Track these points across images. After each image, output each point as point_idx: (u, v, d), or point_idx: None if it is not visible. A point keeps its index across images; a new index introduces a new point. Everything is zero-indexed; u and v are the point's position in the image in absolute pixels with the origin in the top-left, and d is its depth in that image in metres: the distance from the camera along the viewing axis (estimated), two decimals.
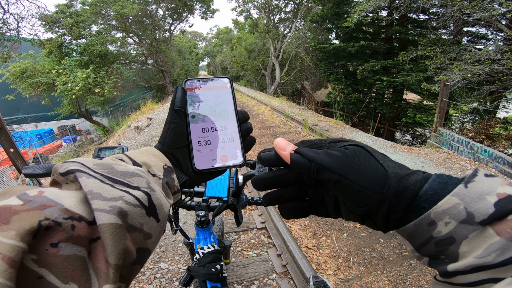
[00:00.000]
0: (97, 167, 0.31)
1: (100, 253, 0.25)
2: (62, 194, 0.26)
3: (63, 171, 0.29)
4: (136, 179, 0.31)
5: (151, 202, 0.30)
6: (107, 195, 0.27)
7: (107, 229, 0.25)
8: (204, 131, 0.43)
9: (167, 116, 0.42)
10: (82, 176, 0.28)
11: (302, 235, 3.03)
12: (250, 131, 0.46)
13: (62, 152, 15.06)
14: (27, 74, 13.03)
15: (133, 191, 0.29)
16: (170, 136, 0.41)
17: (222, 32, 48.93)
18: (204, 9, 22.50)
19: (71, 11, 15.02)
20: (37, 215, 0.22)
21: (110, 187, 0.28)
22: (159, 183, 0.35)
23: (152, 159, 0.38)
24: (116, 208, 0.26)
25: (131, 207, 0.28)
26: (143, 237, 0.29)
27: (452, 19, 7.44)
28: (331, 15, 13.61)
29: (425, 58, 8.37)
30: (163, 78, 23.95)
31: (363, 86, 13.86)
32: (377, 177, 0.30)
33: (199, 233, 1.17)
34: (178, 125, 0.41)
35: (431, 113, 10.57)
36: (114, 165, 0.32)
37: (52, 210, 0.23)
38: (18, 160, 3.62)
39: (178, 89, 0.43)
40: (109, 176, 0.30)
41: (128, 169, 0.32)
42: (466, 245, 0.26)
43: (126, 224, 0.27)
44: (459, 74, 6.14)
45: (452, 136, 5.69)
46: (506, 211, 0.25)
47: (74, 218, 0.24)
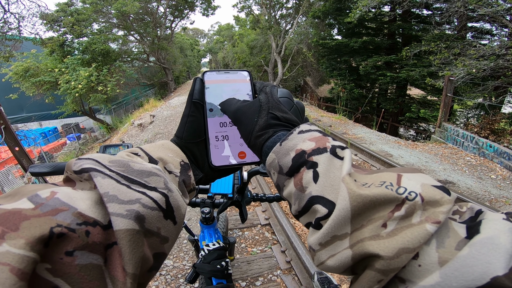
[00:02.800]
0: (112, 164, 0.29)
1: (116, 260, 0.24)
2: (76, 196, 0.25)
3: (77, 169, 0.27)
4: (153, 178, 0.30)
5: (168, 204, 0.29)
6: (124, 197, 0.26)
7: (124, 236, 0.24)
8: (222, 126, 0.41)
9: (184, 108, 0.41)
10: (97, 176, 0.26)
11: (306, 231, 3.03)
12: None
13: (66, 150, 15.16)
14: (30, 73, 13.08)
15: (150, 193, 0.28)
16: (188, 130, 0.40)
17: (224, 28, 48.69)
18: (205, 6, 22.39)
19: (71, 9, 15.02)
20: (48, 221, 0.21)
21: (126, 188, 0.27)
22: (175, 181, 0.34)
23: (169, 154, 0.36)
24: (133, 212, 0.25)
25: (149, 210, 0.27)
26: (160, 242, 0.28)
27: (456, 15, 7.37)
28: (333, 10, 13.49)
29: (428, 54, 8.31)
30: (165, 76, 23.95)
31: (366, 82, 13.77)
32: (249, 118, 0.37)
33: (204, 229, 1.18)
34: (196, 119, 0.40)
35: (435, 108, 10.49)
36: (131, 162, 0.30)
37: (65, 215, 0.22)
38: (24, 159, 3.65)
39: (197, 81, 0.41)
40: (126, 176, 0.28)
41: (145, 167, 0.31)
42: (285, 192, 0.32)
43: (143, 229, 0.26)
44: (463, 70, 6.09)
45: (456, 131, 5.65)
46: (297, 165, 0.30)
47: (88, 223, 0.23)
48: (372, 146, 5.59)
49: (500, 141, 5.69)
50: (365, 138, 6.10)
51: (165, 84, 25.03)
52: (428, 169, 4.52)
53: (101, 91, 13.49)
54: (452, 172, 4.41)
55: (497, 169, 4.47)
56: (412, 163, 4.75)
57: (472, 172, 4.43)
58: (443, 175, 4.30)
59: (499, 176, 4.25)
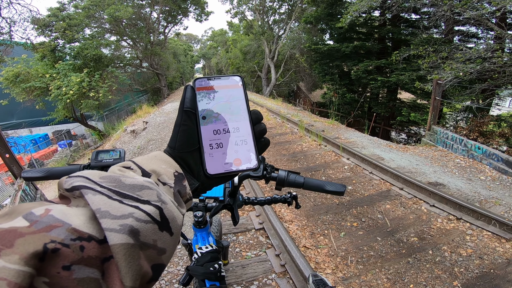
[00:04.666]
0: (103, 180, 0.29)
1: (114, 273, 0.24)
2: (70, 212, 0.25)
3: (68, 187, 0.28)
4: (146, 192, 0.30)
5: (163, 216, 0.29)
6: (116, 212, 0.26)
7: (119, 250, 0.24)
8: (216, 133, 0.41)
9: (176, 117, 0.40)
10: (88, 193, 0.27)
11: (300, 235, 3.05)
12: (264, 133, 0.44)
13: (57, 157, 14.91)
14: (20, 79, 12.89)
15: (143, 206, 0.28)
16: (181, 140, 0.39)
17: (217, 34, 48.90)
18: (199, 12, 22.51)
19: (63, 14, 14.91)
20: (42, 237, 0.22)
21: (118, 203, 0.27)
22: (170, 192, 0.34)
23: (162, 166, 0.36)
24: (126, 226, 0.26)
25: (143, 223, 0.27)
26: (157, 253, 0.28)
27: (443, 18, 7.53)
28: (324, 16, 13.70)
29: (417, 58, 8.46)
30: (158, 81, 23.89)
31: (358, 86, 13.96)
32: None
33: (197, 233, 1.19)
34: (189, 127, 0.39)
35: (425, 111, 10.68)
36: (122, 177, 0.31)
37: (59, 231, 0.23)
38: (14, 166, 3.59)
39: (188, 89, 0.41)
40: (117, 191, 0.29)
41: (137, 181, 0.31)
42: None
43: (138, 242, 0.26)
44: (451, 73, 6.22)
45: (446, 134, 5.76)
46: None
47: (83, 239, 0.24)
48: (364, 150, 5.66)
49: (489, 143, 5.82)
50: (357, 142, 6.18)
51: (158, 90, 24.95)
52: (419, 171, 4.59)
53: (93, 97, 13.36)
54: (443, 174, 4.49)
55: (486, 171, 4.56)
56: (403, 166, 4.83)
57: (462, 173, 4.52)
58: (434, 177, 4.37)
59: (488, 177, 4.34)
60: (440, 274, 2.47)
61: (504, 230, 2.95)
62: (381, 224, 3.22)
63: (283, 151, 5.90)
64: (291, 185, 0.92)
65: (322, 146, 6.04)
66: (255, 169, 0.41)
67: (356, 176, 4.49)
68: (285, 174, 0.93)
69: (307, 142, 6.38)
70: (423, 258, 2.67)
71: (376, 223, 3.25)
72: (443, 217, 3.30)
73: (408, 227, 3.15)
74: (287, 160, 5.33)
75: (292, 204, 1.12)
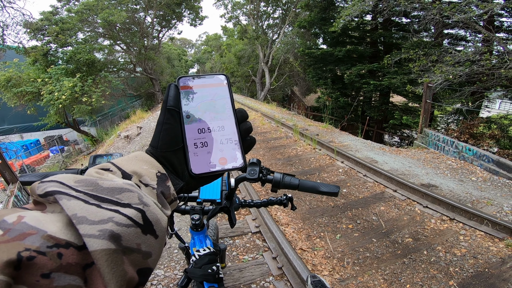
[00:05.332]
0: (79, 184, 0.28)
1: (97, 280, 0.24)
2: (45, 219, 0.24)
3: (41, 192, 0.27)
4: (126, 195, 0.29)
5: (146, 219, 0.28)
6: (94, 217, 0.25)
7: (101, 256, 0.24)
8: (201, 132, 0.40)
9: (159, 116, 0.39)
10: (62, 198, 0.26)
11: (296, 237, 3.06)
12: (249, 131, 0.43)
13: (49, 163, 14.69)
14: (12, 83, 12.71)
15: (123, 210, 0.27)
16: (164, 139, 0.38)
17: (211, 38, 49.03)
18: (193, 16, 22.60)
19: (56, 18, 14.78)
20: (16, 246, 0.21)
21: (96, 208, 0.26)
22: (153, 194, 0.33)
23: (143, 166, 0.35)
24: (106, 231, 0.25)
25: (124, 228, 0.26)
26: (142, 257, 0.28)
27: (433, 22, 7.65)
28: (318, 20, 13.86)
29: (408, 61, 8.58)
30: (152, 86, 23.78)
31: (351, 90, 14.10)
32: None
33: (194, 236, 1.19)
34: (172, 126, 0.38)
35: (416, 114, 10.82)
36: (99, 180, 0.29)
37: (34, 239, 0.22)
38: (6, 171, 3.53)
39: (171, 87, 0.40)
40: (94, 194, 0.27)
41: (116, 184, 0.30)
42: None
43: (121, 247, 0.25)
44: (441, 76, 6.33)
45: (437, 136, 5.86)
46: None
47: (60, 245, 0.23)
48: (358, 153, 5.72)
49: (479, 145, 5.94)
50: (351, 146, 6.24)
51: (152, 95, 24.83)
52: (412, 173, 4.66)
53: (86, 102, 13.24)
54: (435, 176, 4.56)
55: (477, 172, 4.65)
56: (396, 168, 4.89)
57: (454, 175, 4.60)
58: (426, 179, 4.44)
59: (480, 178, 4.43)
60: (436, 274, 2.50)
61: (496, 229, 3.00)
62: (376, 226, 3.25)
63: (278, 155, 5.92)
64: (286, 187, 0.94)
65: (316, 150, 6.08)
66: (241, 168, 0.41)
67: (351, 179, 4.53)
68: (280, 176, 0.94)
69: (301, 146, 6.42)
70: (419, 259, 2.70)
71: (371, 224, 3.28)
72: (437, 217, 3.35)
73: (402, 228, 3.19)
74: (282, 164, 5.35)
75: (288, 206, 1.13)
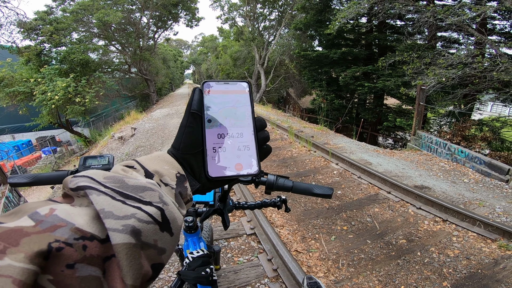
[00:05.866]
0: (107, 180, 0.30)
1: (115, 272, 0.25)
2: (74, 212, 0.26)
3: (73, 186, 0.29)
4: (148, 193, 0.31)
5: (164, 217, 0.30)
6: (119, 213, 0.27)
7: (122, 249, 0.25)
8: (220, 137, 0.41)
9: (182, 119, 0.41)
10: (92, 193, 0.28)
11: (291, 239, 3.05)
12: (267, 140, 0.45)
13: (41, 164, 14.46)
14: (4, 83, 12.49)
15: (145, 207, 0.29)
16: (185, 141, 0.40)
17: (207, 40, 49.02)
18: (189, 17, 22.52)
19: (51, 18, 14.60)
20: (47, 237, 0.23)
21: (121, 204, 0.28)
22: (171, 193, 0.35)
23: (164, 166, 0.37)
24: (129, 227, 0.26)
25: (144, 224, 0.28)
26: (157, 253, 0.29)
27: (426, 24, 7.73)
28: (314, 22, 13.93)
29: (402, 63, 8.66)
30: (147, 87, 23.63)
31: (346, 92, 14.20)
32: None
33: (187, 238, 1.18)
34: (194, 130, 0.40)
35: (410, 117, 10.95)
36: (125, 178, 0.32)
37: (63, 231, 0.24)
38: None
39: (196, 91, 0.42)
40: (120, 191, 0.30)
41: (140, 182, 0.32)
42: None
43: (140, 242, 0.27)
44: (434, 79, 6.40)
45: (430, 138, 5.93)
46: None
47: (85, 238, 0.25)
48: (353, 155, 5.75)
49: (471, 147, 6.03)
50: (345, 148, 6.28)
51: (147, 96, 24.67)
52: (405, 175, 4.70)
53: (79, 102, 13.07)
54: (428, 178, 4.61)
55: (469, 173, 4.72)
56: (390, 170, 4.93)
57: (446, 177, 4.65)
58: (419, 180, 4.48)
59: (472, 180, 4.49)
60: (430, 275, 2.52)
61: (489, 230, 3.04)
62: (371, 227, 3.26)
63: (273, 157, 5.93)
64: (280, 189, 0.94)
65: (311, 151, 6.10)
66: (256, 174, 0.42)
67: (345, 181, 4.55)
68: (274, 179, 0.94)
69: (297, 148, 6.44)
70: (412, 260, 2.72)
71: (366, 226, 3.29)
72: (430, 219, 3.38)
73: (396, 230, 3.21)
74: (277, 166, 5.36)
75: (282, 208, 1.13)
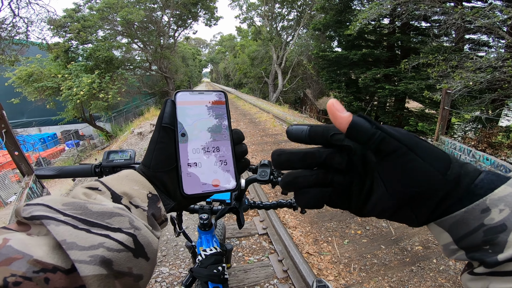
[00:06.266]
0: (67, 208, 0.27)
1: None
2: (31, 242, 0.24)
3: (27, 215, 0.26)
4: (117, 219, 0.28)
5: (137, 242, 0.28)
6: (84, 243, 0.25)
7: (93, 281, 0.23)
8: (195, 152, 0.39)
9: (152, 133, 0.38)
10: (50, 223, 0.25)
11: (303, 241, 3.03)
12: (245, 154, 0.42)
13: (64, 157, 15.16)
14: (33, 78, 13.18)
15: (114, 235, 0.27)
16: (157, 158, 0.37)
17: (226, 39, 49.46)
18: (208, 16, 22.82)
19: (78, 16, 15.27)
20: (2, 271, 0.21)
21: (86, 233, 0.25)
22: (143, 216, 0.32)
23: (134, 187, 0.34)
24: (97, 257, 0.24)
25: (115, 253, 0.26)
26: (134, 280, 0.27)
27: (454, 27, 7.46)
28: (333, 23, 13.72)
29: (427, 66, 8.38)
30: (166, 85, 24.17)
31: (365, 94, 13.89)
32: (442, 157, 0.28)
33: (201, 235, 1.19)
34: (166, 145, 0.37)
35: (433, 121, 10.55)
36: (88, 204, 0.28)
37: (20, 264, 0.21)
38: (23, 163, 3.65)
39: (167, 103, 0.39)
40: (83, 219, 0.27)
41: (106, 208, 0.29)
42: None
43: (112, 272, 0.25)
44: (460, 82, 6.14)
45: (454, 144, 5.69)
46: None
47: (47, 270, 0.22)
48: None
49: (497, 154, 5.72)
50: None
51: (166, 94, 25.21)
52: None
53: (103, 98, 13.58)
54: None
55: None
56: None
57: None
58: None
59: None
60: (444, 282, 2.43)
61: None
62: (386, 233, 3.18)
63: None
64: None
65: None
66: (234, 190, 0.40)
67: None
68: None
69: None
70: (427, 267, 2.64)
71: (381, 231, 3.21)
72: None
73: (412, 236, 3.11)
74: None
75: (298, 209, 1.12)
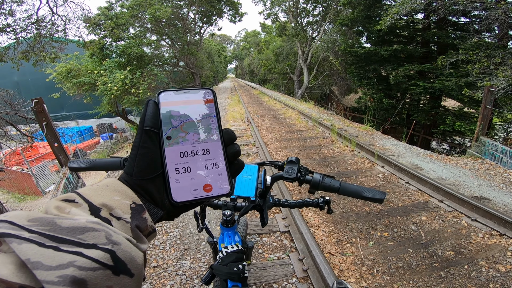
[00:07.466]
0: (33, 224, 0.25)
1: None
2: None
3: None
4: (91, 234, 0.25)
5: (116, 259, 0.25)
6: (51, 262, 0.22)
7: None
8: (183, 156, 0.36)
9: (134, 138, 0.34)
10: (12, 242, 0.23)
11: (325, 241, 2.96)
12: (238, 155, 0.39)
13: (99, 149, 16.10)
14: (72, 74, 14.06)
15: (88, 252, 0.24)
16: (140, 165, 0.34)
17: (250, 35, 49.46)
18: (233, 13, 22.96)
19: (111, 13, 16.02)
20: None
21: (53, 251, 0.23)
22: (126, 228, 0.29)
23: (114, 197, 0.31)
24: (67, 277, 0.22)
25: (89, 272, 0.23)
26: None
27: (497, 22, 6.90)
28: (362, 18, 13.22)
29: (466, 63, 7.84)
30: (193, 80, 24.75)
31: (396, 92, 13.27)
32: None
33: (223, 232, 1.18)
34: (149, 150, 0.34)
35: (472, 121, 9.84)
36: (57, 219, 0.26)
37: None
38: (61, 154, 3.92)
39: (149, 104, 0.35)
40: (52, 235, 0.24)
41: (77, 223, 0.26)
42: None
43: None
44: (504, 80, 5.67)
45: (495, 146, 5.26)
46: None
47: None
48: (401, 158, 5.35)
49: None
50: (393, 150, 5.86)
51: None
52: (462, 184, 4.24)
53: (134, 93, 14.17)
54: (488, 189, 4.10)
55: None
56: (444, 177, 4.48)
57: (510, 189, 4.09)
58: (478, 191, 4.01)
59: None
60: None
61: None
62: (415, 236, 3.02)
63: (313, 155, 5.79)
64: (326, 189, 0.88)
65: (355, 152, 5.82)
66: (227, 195, 0.37)
67: (391, 185, 4.26)
68: (320, 178, 0.89)
69: (339, 147, 6.19)
70: (457, 273, 2.48)
71: (409, 234, 3.06)
72: (485, 232, 3.03)
73: (444, 241, 2.93)
74: (317, 165, 5.22)
75: (324, 209, 1.07)
